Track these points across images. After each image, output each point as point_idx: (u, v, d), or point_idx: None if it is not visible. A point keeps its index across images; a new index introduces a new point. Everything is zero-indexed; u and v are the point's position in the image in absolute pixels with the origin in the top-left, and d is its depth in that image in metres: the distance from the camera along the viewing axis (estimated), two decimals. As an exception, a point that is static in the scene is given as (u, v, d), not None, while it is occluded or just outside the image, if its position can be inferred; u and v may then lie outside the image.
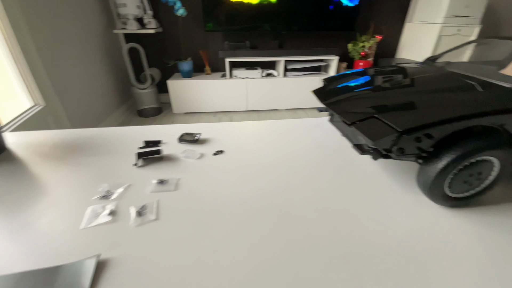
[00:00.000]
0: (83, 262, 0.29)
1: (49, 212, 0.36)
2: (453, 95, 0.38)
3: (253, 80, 2.44)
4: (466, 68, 0.51)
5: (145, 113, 2.47)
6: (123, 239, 0.32)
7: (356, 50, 2.60)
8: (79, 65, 1.87)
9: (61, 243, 0.32)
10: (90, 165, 0.47)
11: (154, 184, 0.41)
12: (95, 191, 0.40)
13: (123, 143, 0.55)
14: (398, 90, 0.42)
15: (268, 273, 0.28)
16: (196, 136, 0.54)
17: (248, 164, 0.47)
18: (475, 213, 0.37)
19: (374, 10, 2.60)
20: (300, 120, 0.65)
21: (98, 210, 0.37)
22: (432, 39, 2.27)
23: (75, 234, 0.33)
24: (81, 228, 0.34)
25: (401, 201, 0.39)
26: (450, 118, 0.31)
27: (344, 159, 0.48)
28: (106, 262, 0.29)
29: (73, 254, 0.30)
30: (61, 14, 1.69)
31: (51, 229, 0.33)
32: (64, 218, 0.35)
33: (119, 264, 0.29)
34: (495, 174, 0.35)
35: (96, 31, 2.09)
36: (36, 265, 0.29)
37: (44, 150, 0.52)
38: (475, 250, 0.31)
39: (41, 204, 0.38)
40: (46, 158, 0.49)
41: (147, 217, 0.35)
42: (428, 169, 0.35)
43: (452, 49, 0.57)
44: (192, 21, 2.45)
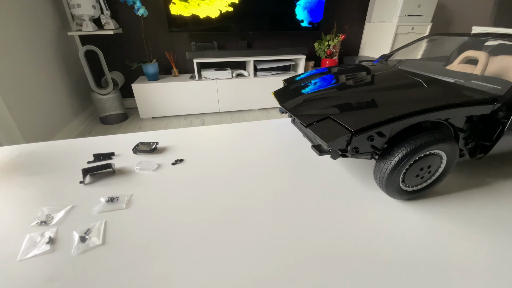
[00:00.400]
0: (9, 305, 0.25)
1: (-28, 247, 0.31)
2: (402, 93, 0.39)
3: (224, 80, 2.41)
4: (415, 66, 0.53)
5: (108, 120, 2.32)
6: (63, 271, 0.28)
7: (322, 49, 2.69)
8: (30, 71, 1.69)
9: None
10: (30, 186, 0.42)
11: (103, 203, 0.37)
12: (34, 216, 0.36)
13: (70, 158, 0.49)
14: (352, 89, 0.43)
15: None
16: (153, 145, 0.51)
17: (210, 173, 0.45)
18: (427, 204, 0.38)
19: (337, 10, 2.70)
20: (263, 122, 0.64)
21: (36, 239, 0.32)
22: (390, 37, 2.42)
23: (11, 267, 0.28)
24: (18, 260, 0.29)
25: (361, 198, 0.39)
26: (399, 116, 0.32)
27: (306, 160, 0.48)
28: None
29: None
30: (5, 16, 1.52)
31: (-28, 268, 0.29)
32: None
33: (54, 302, 0.25)
34: (443, 166, 0.37)
35: (48, 33, 1.91)
36: None
37: (-28, 173, 0.45)
38: (428, 239, 0.32)
39: (-37, 238, 0.32)
40: (-26, 181, 0.43)
41: (92, 242, 0.31)
42: (382, 165, 0.35)
43: (403, 47, 0.60)
44: (155, 21, 2.35)
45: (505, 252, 0.31)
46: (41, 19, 1.90)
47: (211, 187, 0.41)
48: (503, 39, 0.49)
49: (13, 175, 0.44)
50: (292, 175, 0.44)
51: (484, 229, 0.34)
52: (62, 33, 2.12)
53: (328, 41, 2.60)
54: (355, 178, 0.43)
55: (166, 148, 0.52)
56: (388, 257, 0.30)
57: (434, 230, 0.34)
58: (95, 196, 0.39)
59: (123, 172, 0.45)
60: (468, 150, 0.39)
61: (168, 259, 0.29)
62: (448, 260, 0.30)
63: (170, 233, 0.33)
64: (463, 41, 0.59)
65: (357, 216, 0.36)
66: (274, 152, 0.51)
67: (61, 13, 2.14)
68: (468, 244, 0.32)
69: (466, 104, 0.34)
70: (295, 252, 0.30)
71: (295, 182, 0.42)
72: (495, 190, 0.41)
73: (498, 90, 0.36)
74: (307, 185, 0.42)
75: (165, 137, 0.56)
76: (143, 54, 2.49)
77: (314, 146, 0.40)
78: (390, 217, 0.36)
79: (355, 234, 0.33)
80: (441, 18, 2.85)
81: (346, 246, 0.31)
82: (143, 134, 0.57)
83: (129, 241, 0.32)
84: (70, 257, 0.30)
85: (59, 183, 0.42)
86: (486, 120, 0.37)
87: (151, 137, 0.55)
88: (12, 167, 0.47)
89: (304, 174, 0.44)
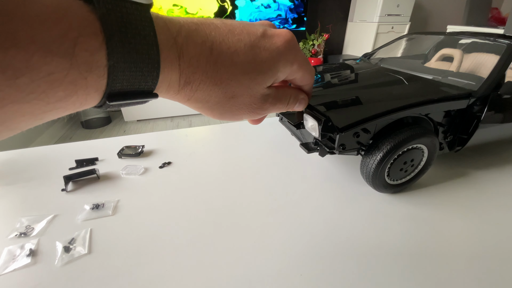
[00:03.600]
0: (-12, 323, 0.23)
1: None
2: (384, 90, 0.40)
3: (209, 81, 2.39)
4: (396, 63, 0.55)
5: (90, 124, 2.24)
6: (46, 283, 0.27)
7: (307, 48, 2.72)
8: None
9: (-41, 303, 0.25)
10: (6, 197, 0.40)
11: (87, 210, 0.36)
12: (12, 228, 0.34)
13: (51, 165, 0.47)
14: (336, 88, 0.44)
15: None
16: (139, 149, 0.50)
17: (198, 175, 0.44)
18: (412, 196, 0.40)
19: (320, 10, 2.75)
20: (252, 122, 0.64)
21: (15, 252, 0.31)
22: (371, 36, 2.48)
23: None
24: None
25: (349, 193, 0.40)
26: (382, 112, 0.33)
27: (295, 158, 0.49)
28: (21, 317, 0.24)
29: (-25, 314, 0.24)
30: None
31: None
32: (-35, 269, 0.28)
33: (38, 317, 0.24)
34: (425, 159, 0.38)
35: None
36: None
37: None
38: (414, 229, 0.34)
39: None
40: None
41: (77, 251, 0.30)
42: (368, 160, 0.36)
43: (384, 46, 0.62)
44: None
45: (483, 237, 0.33)
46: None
47: (201, 189, 0.41)
48: (475, 38, 0.51)
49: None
50: (281, 174, 0.44)
51: (463, 217, 0.36)
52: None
53: (312, 41, 2.64)
54: (343, 174, 0.44)
55: (152, 151, 0.51)
56: (378, 249, 0.31)
57: (419, 220, 0.35)
58: (79, 203, 0.37)
59: (108, 177, 0.43)
60: (447, 143, 0.41)
61: (159, 265, 0.29)
62: (433, 247, 0.31)
63: (160, 238, 0.32)
64: (440, 40, 0.62)
65: (346, 211, 0.37)
66: (262, 152, 0.51)
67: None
68: (450, 231, 0.33)
69: (444, 100, 0.35)
70: (286, 250, 0.31)
71: (284, 181, 0.43)
72: (473, 180, 0.43)
73: (472, 86, 0.38)
74: (296, 183, 0.42)
75: (151, 140, 0.55)
76: (125, 55, 2.41)
77: (302, 144, 0.40)
78: (378, 211, 0.37)
79: (345, 229, 0.34)
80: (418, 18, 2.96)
81: (336, 241, 0.32)
82: (128, 137, 0.56)
83: (117, 248, 0.31)
84: (53, 269, 0.28)
85: (40, 191, 0.40)
86: (462, 114, 0.39)
87: (136, 141, 0.54)
88: (-14, 177, 0.44)
89: (293, 172, 0.45)
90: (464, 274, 0.28)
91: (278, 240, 0.32)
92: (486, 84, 0.38)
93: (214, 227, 0.34)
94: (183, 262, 0.29)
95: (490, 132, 0.40)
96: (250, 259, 0.29)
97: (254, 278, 0.27)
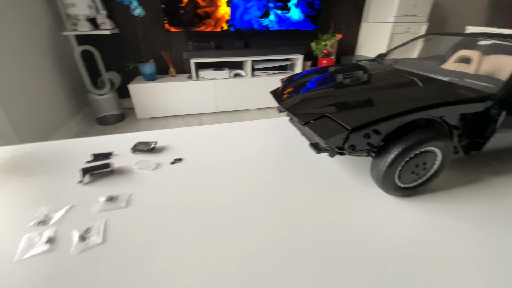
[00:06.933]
0: (9, 304, 0.25)
1: (-29, 247, 0.31)
2: (397, 91, 0.40)
3: (221, 80, 2.41)
4: (410, 65, 0.54)
5: (105, 121, 2.30)
6: (62, 270, 0.28)
7: (319, 49, 2.70)
8: (25, 71, 1.68)
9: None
10: (27, 187, 0.42)
11: (102, 202, 0.37)
12: (32, 217, 0.36)
13: (68, 158, 0.49)
14: (349, 88, 0.43)
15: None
16: (152, 145, 0.51)
17: (208, 172, 0.45)
18: (422, 200, 0.39)
19: (333, 10, 2.72)
20: (261, 121, 0.64)
21: (34, 239, 0.32)
22: (386, 37, 2.44)
23: (8, 267, 0.28)
24: (15, 261, 0.29)
25: (359, 195, 0.40)
26: (394, 114, 0.32)
27: (304, 158, 0.49)
28: (39, 300, 0.25)
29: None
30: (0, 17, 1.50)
31: (-29, 268, 0.29)
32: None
33: (55, 300, 0.25)
34: (438, 163, 0.38)
35: (42, 32, 1.89)
36: None
37: (-31, 173, 0.45)
38: (423, 234, 0.33)
39: (-39, 238, 0.32)
40: (-29, 182, 0.43)
41: (92, 240, 0.31)
42: (379, 162, 0.36)
43: (398, 47, 0.61)
44: (151, 21, 2.34)
45: (497, 245, 0.32)
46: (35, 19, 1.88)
47: (210, 186, 0.41)
48: (496, 39, 0.50)
49: (10, 175, 0.44)
50: (290, 174, 0.44)
51: (477, 224, 0.35)
52: (56, 33, 2.11)
53: (325, 41, 2.62)
54: (353, 175, 0.44)
55: (164, 147, 0.53)
56: (385, 252, 0.30)
57: (429, 226, 0.34)
58: (94, 195, 0.39)
59: (122, 171, 0.45)
60: (462, 147, 0.40)
61: (168, 257, 0.30)
62: (443, 253, 0.30)
63: (170, 231, 0.33)
64: (458, 41, 0.60)
65: (354, 212, 0.36)
66: (272, 151, 0.51)
67: (55, 12, 2.12)
68: (461, 238, 0.33)
69: (460, 102, 0.34)
70: (294, 249, 0.31)
71: (293, 180, 0.43)
72: (489, 186, 0.42)
73: (490, 88, 0.37)
74: (305, 183, 0.42)
75: (164, 136, 0.57)
76: (139, 54, 2.48)
77: (312, 144, 0.40)
78: (387, 213, 0.36)
79: (353, 231, 0.33)
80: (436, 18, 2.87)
81: (344, 243, 0.32)
82: (142, 134, 0.57)
83: (129, 239, 0.32)
84: (69, 256, 0.30)
85: (58, 183, 0.42)
86: (479, 118, 0.38)
87: (149, 137, 0.55)
88: (9, 168, 0.46)
89: (302, 172, 0.45)
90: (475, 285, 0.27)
91: (285, 239, 0.32)
92: (506, 86, 0.36)
93: (222, 223, 0.34)
94: (191, 255, 0.30)
95: (509, 136, 0.39)
96: (256, 257, 0.30)
97: (259, 277, 0.28)
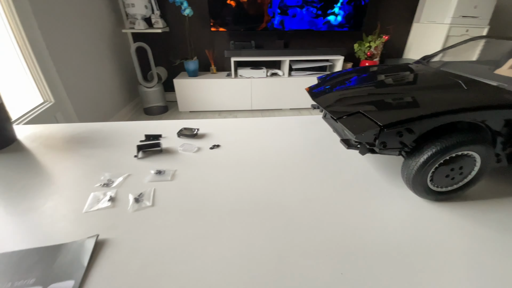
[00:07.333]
0: (83, 241, 0.31)
1: (54, 198, 0.39)
2: (437, 92, 0.39)
3: (258, 79, 2.46)
4: (458, 67, 0.51)
5: (151, 111, 2.52)
6: (121, 222, 0.35)
7: (362, 50, 2.59)
8: (88, 63, 1.92)
9: (65, 224, 0.34)
10: (93, 157, 0.50)
11: (152, 174, 0.44)
12: (97, 180, 0.43)
13: (125, 137, 0.57)
14: (386, 88, 0.43)
15: (253, 264, 0.30)
16: (195, 131, 0.57)
17: (242, 159, 0.49)
18: (458, 207, 0.38)
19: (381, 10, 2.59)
20: (295, 118, 0.66)
21: (99, 197, 0.39)
22: (440, 39, 2.25)
23: (77, 217, 0.36)
24: (83, 212, 0.36)
25: (387, 195, 0.40)
26: (428, 114, 0.32)
27: (335, 155, 0.50)
28: (104, 242, 0.32)
29: (75, 234, 0.33)
30: (70, 13, 1.75)
31: (55, 212, 0.36)
32: (67, 203, 0.38)
33: (115, 244, 0.31)
34: (476, 169, 0.36)
35: (105, 30, 2.14)
36: (40, 244, 0.31)
37: (51, 142, 0.55)
38: (457, 243, 0.32)
39: (47, 190, 0.41)
40: (53, 149, 0.53)
41: (144, 203, 0.38)
42: (410, 162, 0.36)
43: (446, 49, 0.58)
44: (198, 20, 2.49)
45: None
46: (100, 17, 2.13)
47: (243, 171, 0.45)
48: None
49: (79, 147, 0.53)
50: (319, 168, 0.46)
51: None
52: (116, 30, 2.35)
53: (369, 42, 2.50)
54: (383, 175, 0.44)
55: (205, 134, 0.58)
56: (411, 254, 0.31)
57: (464, 235, 0.33)
58: (146, 168, 0.46)
59: (169, 151, 0.51)
60: (507, 155, 0.38)
61: (204, 224, 0.34)
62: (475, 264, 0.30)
63: (207, 204, 0.38)
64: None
65: (384, 212, 0.37)
66: (303, 146, 0.53)
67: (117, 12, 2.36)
68: (500, 252, 0.31)
69: (504, 107, 0.33)
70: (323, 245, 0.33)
71: (321, 175, 0.45)
72: (537, 201, 0.39)
73: (546, 95, 0.35)
74: (334, 179, 0.44)
75: (204, 125, 0.62)
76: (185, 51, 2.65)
77: (343, 140, 0.42)
78: (416, 215, 0.36)
79: (378, 229, 0.34)
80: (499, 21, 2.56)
81: (371, 240, 0.32)
82: (186, 121, 0.64)
83: (173, 206, 0.37)
84: (126, 213, 0.36)
85: (117, 155, 0.50)
86: (529, 126, 0.35)
87: (192, 124, 0.62)
88: (78, 141, 0.56)
89: (331, 168, 0.46)
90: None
91: (310, 235, 0.34)
92: None
93: (252, 204, 0.38)
94: (224, 224, 0.34)
95: None
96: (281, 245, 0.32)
97: (286, 264, 0.30)
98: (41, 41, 1.48)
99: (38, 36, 1.46)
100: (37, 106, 1.51)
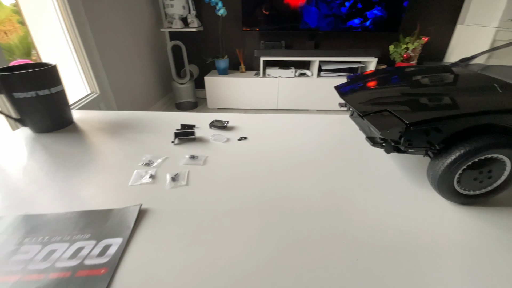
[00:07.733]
0: (129, 208, 0.37)
1: (104, 172, 0.45)
2: (469, 94, 0.38)
3: (286, 79, 2.48)
4: (497, 71, 0.49)
5: (182, 107, 2.65)
6: (159, 196, 0.39)
7: (397, 52, 2.48)
8: (128, 59, 2.09)
9: (114, 194, 0.40)
10: (136, 140, 0.56)
11: (187, 158, 0.49)
12: (140, 160, 0.49)
13: (163, 125, 0.63)
14: (416, 88, 0.44)
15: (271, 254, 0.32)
16: (225, 123, 0.61)
17: (267, 151, 0.52)
18: (486, 212, 0.37)
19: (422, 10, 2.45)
20: (322, 116, 0.68)
21: (141, 174, 0.45)
22: (486, 43, 2.08)
23: (123, 189, 0.41)
24: (129, 185, 0.42)
25: (411, 195, 0.40)
26: (455, 115, 0.32)
27: (359, 154, 0.51)
28: (146, 211, 0.37)
29: (122, 202, 0.38)
30: (117, 13, 1.91)
31: (106, 184, 0.42)
32: (115, 177, 0.44)
33: (155, 214, 0.36)
34: (507, 174, 0.35)
35: (145, 29, 2.30)
36: (94, 208, 0.37)
37: (100, 126, 0.63)
38: (482, 248, 0.32)
39: (98, 166, 0.47)
40: (102, 132, 0.60)
41: (179, 182, 0.42)
42: (437, 163, 0.36)
43: (486, 51, 0.56)
44: (231, 20, 2.57)
45: None
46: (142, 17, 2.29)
47: (267, 163, 0.48)
48: None
49: (124, 131, 0.60)
50: (343, 166, 0.48)
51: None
52: (155, 29, 2.51)
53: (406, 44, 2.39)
54: (408, 175, 0.44)
55: (234, 127, 0.62)
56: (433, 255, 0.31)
57: (492, 241, 0.33)
58: (182, 153, 0.51)
59: (201, 140, 0.56)
60: (544, 162, 0.36)
61: (232, 203, 0.38)
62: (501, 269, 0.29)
63: (234, 188, 0.42)
64: None
65: (408, 211, 0.37)
66: (328, 143, 0.55)
67: (156, 12, 2.52)
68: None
69: (541, 111, 0.32)
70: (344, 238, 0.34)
71: (345, 173, 0.46)
72: None
73: None
74: (358, 177, 0.45)
75: (234, 119, 0.66)
76: (217, 50, 2.74)
77: (368, 137, 0.43)
78: (439, 217, 0.36)
79: (406, 229, 0.34)
80: None
81: (392, 238, 0.33)
82: (217, 114, 0.68)
83: (205, 186, 0.42)
84: (164, 189, 0.41)
85: (157, 140, 0.56)
86: None
87: (223, 118, 0.66)
88: (123, 126, 0.63)
89: (355, 166, 0.47)
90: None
91: (329, 231, 0.35)
92: None
93: (273, 194, 0.40)
94: (248, 206, 0.38)
95: None
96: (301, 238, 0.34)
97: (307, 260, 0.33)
98: (91, 38, 1.64)
99: (88, 33, 1.62)
100: (85, 96, 1.68)
